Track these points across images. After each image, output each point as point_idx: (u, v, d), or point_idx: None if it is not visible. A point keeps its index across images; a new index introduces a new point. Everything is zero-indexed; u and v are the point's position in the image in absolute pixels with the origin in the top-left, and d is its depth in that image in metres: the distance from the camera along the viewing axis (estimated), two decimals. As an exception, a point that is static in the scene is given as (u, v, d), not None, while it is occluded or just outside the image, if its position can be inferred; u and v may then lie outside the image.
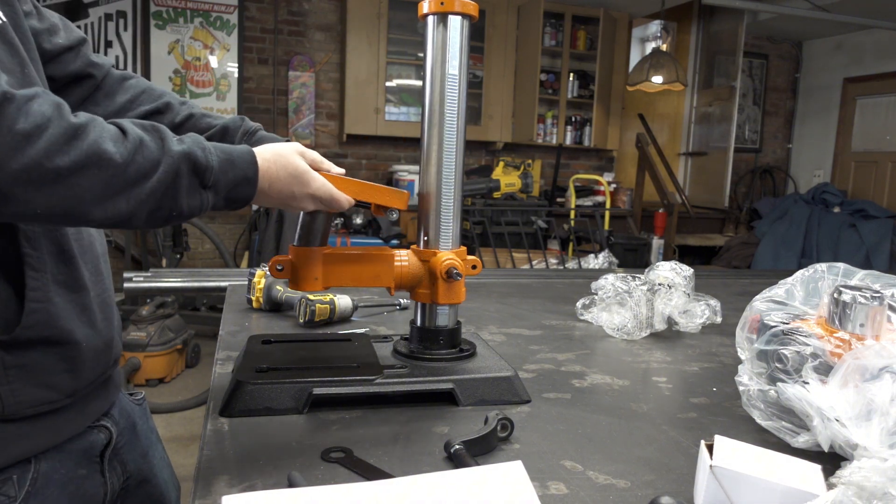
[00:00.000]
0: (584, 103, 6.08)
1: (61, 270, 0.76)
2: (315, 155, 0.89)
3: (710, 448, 0.66)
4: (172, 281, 2.09)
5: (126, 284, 2.02)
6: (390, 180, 5.57)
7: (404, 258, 0.96)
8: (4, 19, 0.75)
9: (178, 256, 4.53)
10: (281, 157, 0.81)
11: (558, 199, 5.74)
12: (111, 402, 0.89)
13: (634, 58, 6.14)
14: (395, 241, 4.46)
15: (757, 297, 0.96)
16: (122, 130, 0.67)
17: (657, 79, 5.18)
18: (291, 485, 0.67)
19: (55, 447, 0.77)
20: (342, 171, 0.93)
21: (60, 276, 0.76)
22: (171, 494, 1.00)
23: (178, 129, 1.01)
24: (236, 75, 5.30)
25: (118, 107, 0.97)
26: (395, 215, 0.92)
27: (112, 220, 0.66)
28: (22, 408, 0.71)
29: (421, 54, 1.11)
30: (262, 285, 1.41)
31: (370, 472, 0.72)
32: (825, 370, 0.79)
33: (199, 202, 0.72)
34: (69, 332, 0.76)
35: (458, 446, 0.75)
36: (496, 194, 4.68)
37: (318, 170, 0.86)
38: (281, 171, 0.80)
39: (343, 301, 1.35)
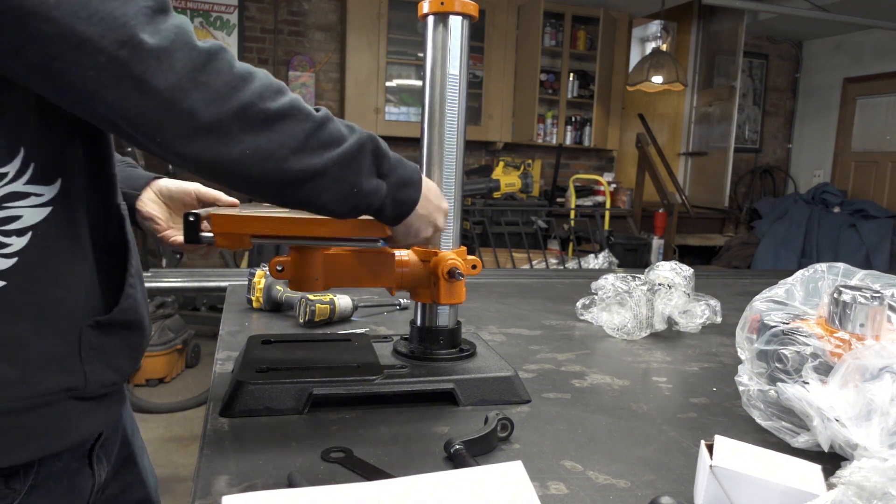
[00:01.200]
0: (584, 103, 6.08)
1: (135, 259, 0.81)
2: None
3: (710, 448, 0.66)
4: (172, 281, 2.09)
5: (126, 284, 2.02)
6: (390, 180, 5.56)
7: (405, 258, 0.96)
8: None
9: (179, 256, 4.52)
10: (425, 177, 0.85)
11: (558, 199, 5.73)
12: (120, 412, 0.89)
13: (634, 58, 6.14)
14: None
15: (757, 297, 0.96)
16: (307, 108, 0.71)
17: (657, 79, 5.18)
18: (291, 485, 0.67)
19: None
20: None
21: (136, 264, 0.80)
22: (150, 482, 0.99)
23: None
24: (236, 75, 5.30)
25: None
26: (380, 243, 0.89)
27: (305, 174, 0.68)
28: (96, 387, 0.73)
29: (421, 54, 1.11)
30: (262, 285, 1.41)
31: (370, 472, 0.72)
32: (825, 370, 0.79)
33: (375, 186, 0.74)
34: (142, 318, 0.79)
35: (458, 446, 0.75)
36: (496, 194, 4.68)
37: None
38: (433, 187, 0.85)
39: (343, 301, 1.35)
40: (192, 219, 0.83)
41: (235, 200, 1.01)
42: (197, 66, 0.60)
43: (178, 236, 0.94)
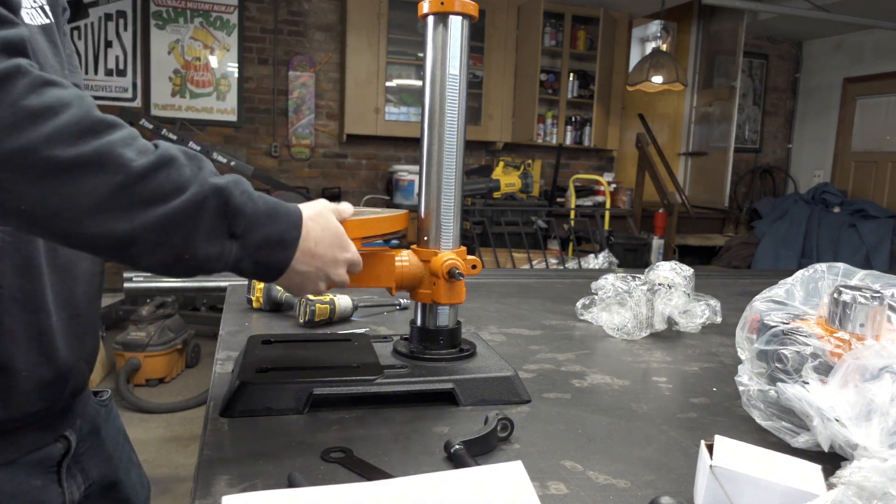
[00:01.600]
0: (584, 103, 6.08)
1: (20, 286, 0.68)
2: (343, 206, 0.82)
3: (710, 448, 0.66)
4: (172, 281, 2.09)
5: (126, 284, 2.02)
6: (390, 180, 5.57)
7: (405, 258, 0.96)
8: (52, 20, 0.72)
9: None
10: (321, 215, 0.73)
11: (558, 199, 5.73)
12: (61, 433, 0.81)
13: (634, 58, 6.14)
14: (394, 242, 4.47)
15: (757, 297, 0.96)
16: (155, 145, 0.60)
17: (657, 79, 5.18)
18: (291, 485, 0.67)
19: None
20: (351, 210, 0.83)
21: (18, 292, 0.68)
22: (139, 496, 0.96)
23: None
24: (236, 75, 5.30)
25: None
26: (395, 241, 0.91)
27: (107, 240, 0.57)
28: None
29: (421, 54, 1.11)
30: (262, 285, 1.41)
31: (370, 472, 0.72)
32: (825, 370, 0.79)
33: (219, 251, 0.62)
34: (7, 356, 0.68)
35: (458, 446, 0.75)
36: (496, 194, 4.68)
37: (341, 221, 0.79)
38: (326, 240, 0.72)
39: (343, 301, 1.35)
40: None
41: None
42: None
43: None
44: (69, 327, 0.76)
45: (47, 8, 0.73)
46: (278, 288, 1.41)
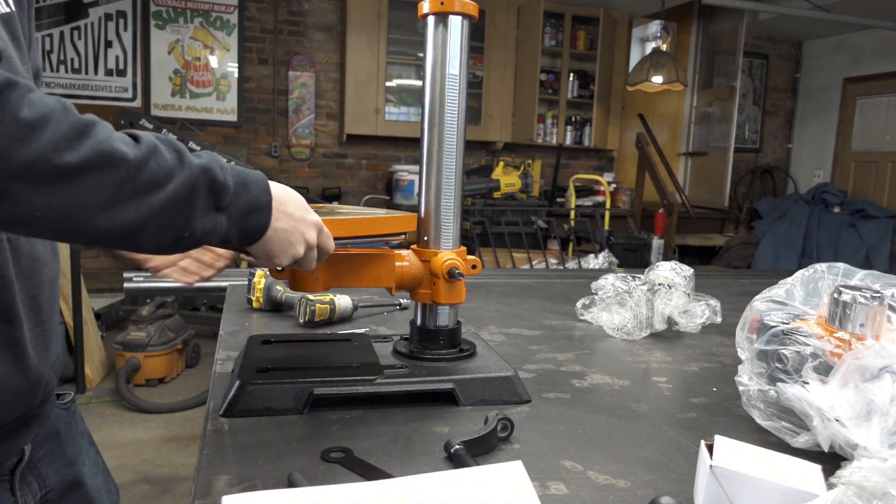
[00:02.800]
0: (584, 103, 6.08)
1: None
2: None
3: (710, 448, 0.66)
4: (172, 281, 2.08)
5: (126, 284, 2.02)
6: (390, 180, 5.57)
7: (405, 258, 0.96)
8: (14, 8, 0.71)
9: (178, 256, 4.52)
10: (287, 190, 0.76)
11: (558, 199, 5.74)
12: (26, 442, 0.80)
13: (634, 58, 6.14)
14: (395, 242, 4.46)
15: (757, 297, 0.96)
16: (133, 137, 0.61)
17: (657, 79, 5.18)
18: (291, 485, 0.67)
19: None
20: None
21: None
22: (104, 501, 0.95)
23: None
24: (236, 75, 5.30)
25: None
26: (395, 242, 0.91)
27: (118, 231, 0.59)
28: None
29: (421, 54, 1.11)
30: (262, 285, 1.41)
31: (370, 472, 0.72)
32: (825, 370, 0.79)
33: (212, 225, 0.66)
34: None
35: (458, 446, 0.75)
36: (496, 194, 4.68)
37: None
38: (291, 201, 0.75)
39: (343, 301, 1.35)
40: None
41: None
42: None
43: None
44: (36, 335, 0.76)
45: None
46: (279, 287, 1.41)
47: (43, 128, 0.53)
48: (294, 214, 0.75)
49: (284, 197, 0.75)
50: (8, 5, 0.71)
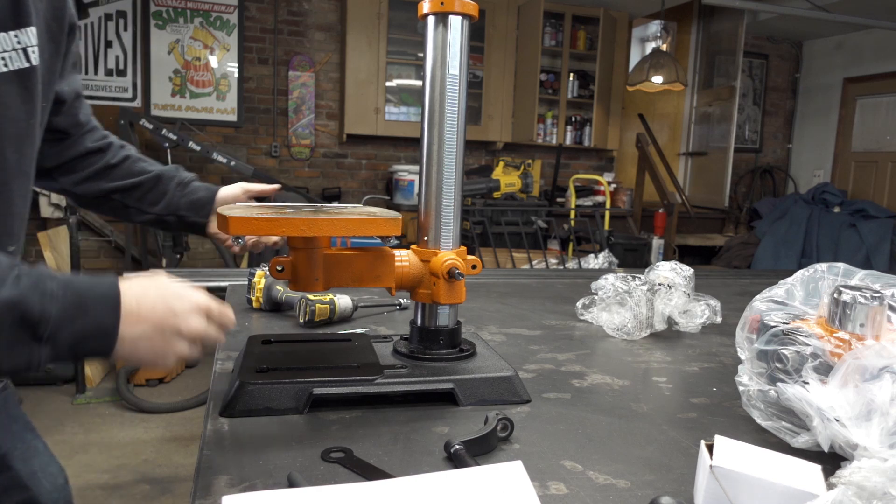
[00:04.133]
0: (584, 103, 6.08)
1: None
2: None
3: (710, 448, 0.66)
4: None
5: (126, 284, 2.01)
6: (390, 180, 5.57)
7: (405, 258, 0.96)
8: (36, 63, 0.72)
9: (178, 256, 4.53)
10: (146, 288, 0.70)
11: (558, 199, 5.74)
12: None
13: (634, 58, 6.14)
14: (394, 242, 4.47)
15: (757, 297, 0.96)
16: None
17: (657, 79, 5.17)
18: (291, 485, 0.67)
19: None
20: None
21: None
22: (41, 486, 0.94)
23: (113, 169, 1.07)
24: (236, 75, 5.30)
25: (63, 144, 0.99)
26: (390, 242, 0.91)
27: None
28: None
29: (421, 54, 1.10)
30: (262, 285, 1.41)
31: (370, 472, 0.72)
32: (825, 370, 0.79)
33: (26, 359, 0.61)
34: None
35: (458, 446, 0.75)
36: (496, 194, 4.68)
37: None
38: (148, 303, 0.68)
39: (343, 301, 1.35)
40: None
41: (276, 186, 1.16)
42: None
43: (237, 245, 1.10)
44: None
45: (32, 50, 0.72)
46: (279, 287, 1.41)
47: None
48: (154, 316, 0.68)
49: (139, 300, 0.68)
50: (28, 60, 0.71)
